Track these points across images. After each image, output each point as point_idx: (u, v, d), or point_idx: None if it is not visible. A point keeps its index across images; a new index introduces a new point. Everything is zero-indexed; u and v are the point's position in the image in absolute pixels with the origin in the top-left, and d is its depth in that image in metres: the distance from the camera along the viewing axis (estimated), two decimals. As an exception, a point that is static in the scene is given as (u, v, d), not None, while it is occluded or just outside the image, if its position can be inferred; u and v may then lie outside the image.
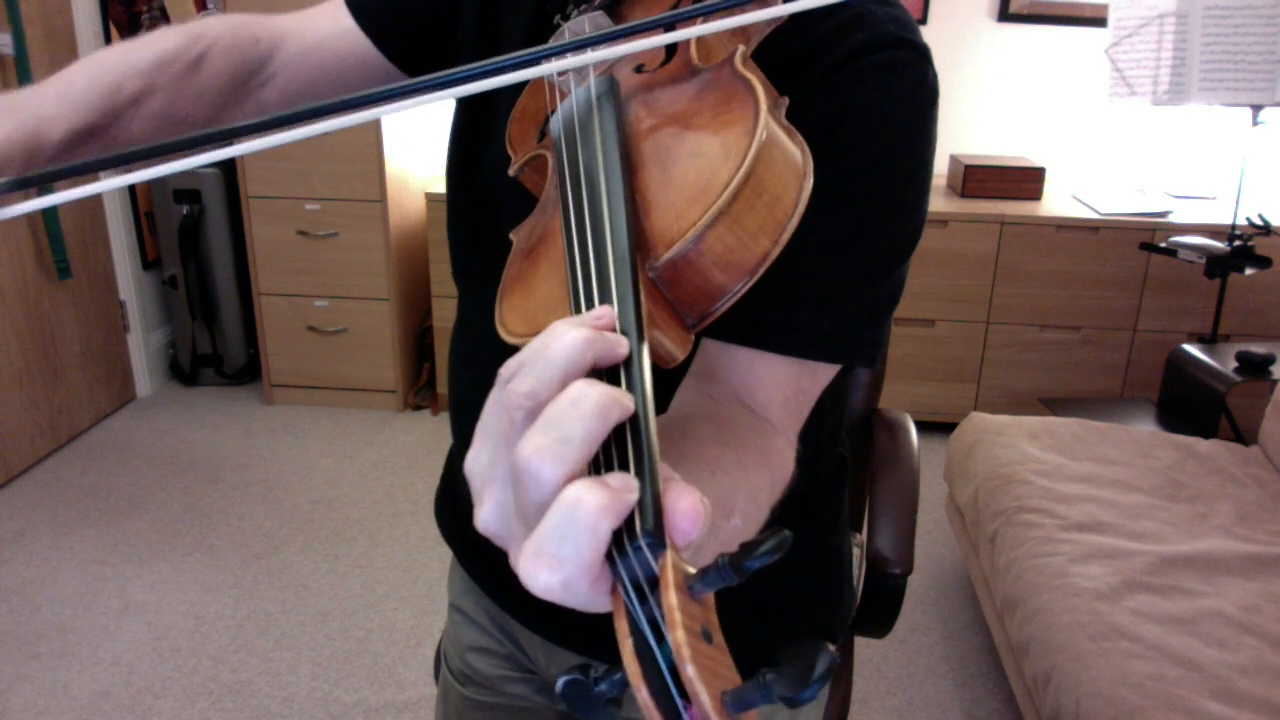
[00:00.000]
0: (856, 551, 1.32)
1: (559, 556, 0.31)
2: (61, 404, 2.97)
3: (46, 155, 0.64)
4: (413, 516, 2.67)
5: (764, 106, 0.44)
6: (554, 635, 0.85)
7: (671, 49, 0.55)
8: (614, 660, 0.33)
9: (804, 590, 0.85)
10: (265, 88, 0.77)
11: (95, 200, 3.09)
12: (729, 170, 0.42)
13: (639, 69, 0.54)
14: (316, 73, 0.77)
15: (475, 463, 0.36)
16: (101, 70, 0.69)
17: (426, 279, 3.24)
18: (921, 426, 1.51)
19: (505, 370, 0.35)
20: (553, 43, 0.62)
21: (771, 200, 0.44)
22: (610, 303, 0.39)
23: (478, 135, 0.76)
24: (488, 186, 0.74)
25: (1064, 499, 1.94)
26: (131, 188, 3.24)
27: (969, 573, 2.25)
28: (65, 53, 2.91)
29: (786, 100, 0.49)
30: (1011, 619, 1.77)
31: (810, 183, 0.45)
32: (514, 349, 0.45)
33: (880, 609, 1.19)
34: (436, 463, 2.93)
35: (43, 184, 0.49)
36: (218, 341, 3.42)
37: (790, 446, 0.59)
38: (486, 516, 0.35)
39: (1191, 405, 2.53)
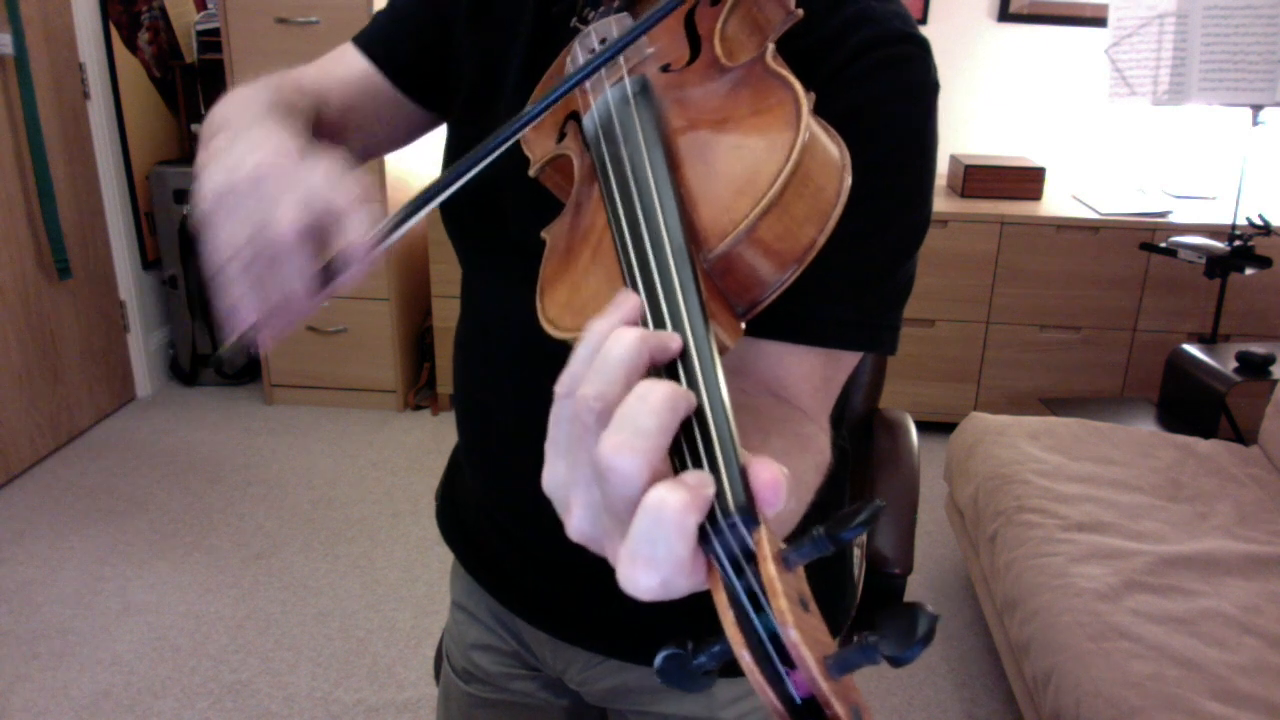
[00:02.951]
0: (857, 551, 1.32)
1: (653, 559, 0.32)
2: (61, 404, 2.97)
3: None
4: (413, 516, 2.67)
5: (804, 100, 0.46)
6: (561, 632, 0.85)
7: (696, 48, 0.55)
8: (631, 654, 0.33)
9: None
10: (318, 133, 0.80)
11: (95, 200, 3.09)
12: (777, 162, 0.43)
13: (665, 68, 0.55)
14: (346, 116, 0.80)
15: (553, 477, 0.37)
16: (246, 103, 0.66)
17: (426, 279, 3.24)
18: (921, 426, 1.51)
19: (562, 386, 0.37)
20: (579, 44, 0.63)
21: (816, 190, 0.45)
22: (674, 295, 0.40)
23: (475, 140, 0.76)
24: (485, 187, 0.75)
25: (1064, 499, 1.94)
26: (131, 186, 3.24)
27: (969, 573, 2.25)
28: (65, 53, 2.91)
29: (814, 95, 0.50)
30: (1011, 619, 1.77)
31: (850, 175, 0.47)
32: (538, 344, 0.46)
33: (880, 609, 1.19)
34: (436, 463, 2.93)
35: (400, 224, 0.51)
36: (217, 341, 3.42)
37: (824, 432, 0.61)
38: (578, 522, 0.36)
39: (1191, 405, 2.53)
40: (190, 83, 3.43)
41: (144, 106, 3.32)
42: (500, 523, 0.85)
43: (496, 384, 0.80)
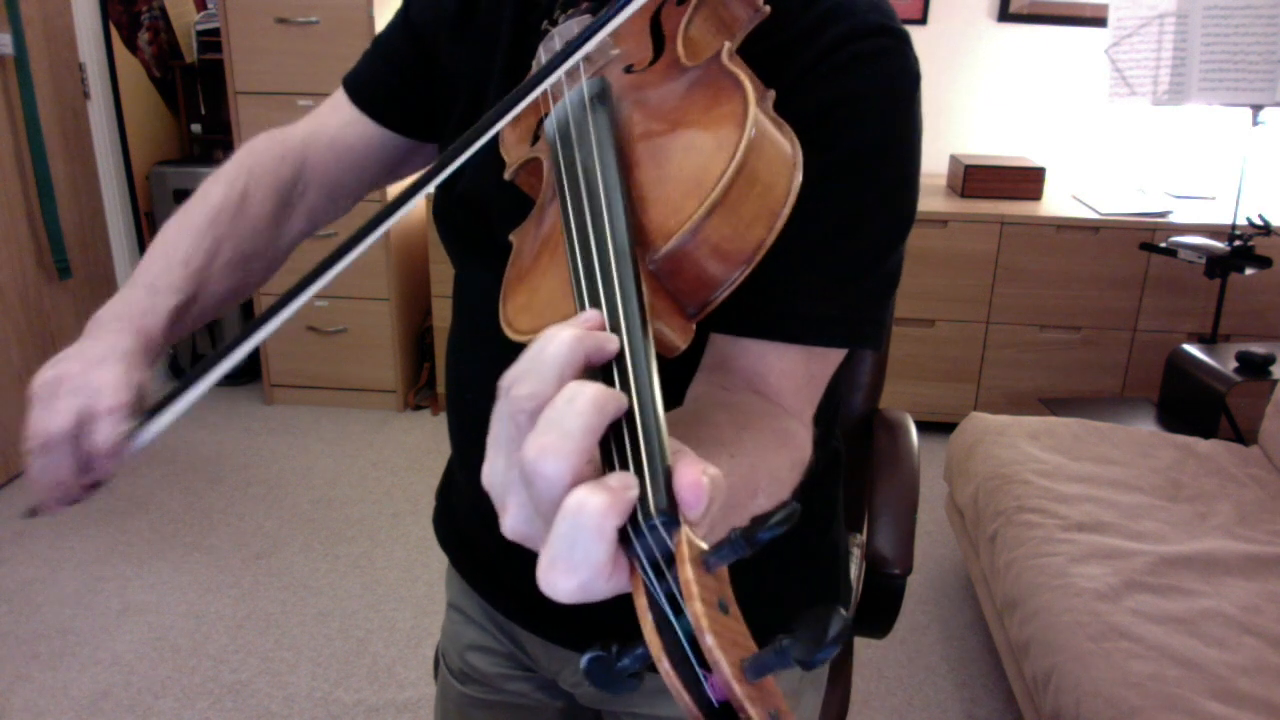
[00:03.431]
0: (856, 552, 1.32)
1: (572, 562, 0.32)
2: (61, 404, 2.96)
3: (159, 343, 0.72)
4: (413, 516, 2.67)
5: (752, 99, 0.45)
6: (553, 635, 0.85)
7: (660, 48, 0.55)
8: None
9: (799, 585, 0.85)
10: (305, 195, 0.83)
11: (95, 200, 3.09)
12: (722, 162, 0.43)
13: (629, 69, 0.55)
14: (339, 166, 0.84)
15: (492, 473, 0.37)
16: (170, 247, 0.74)
17: (426, 279, 3.24)
18: (921, 426, 1.51)
19: (504, 381, 0.36)
20: (542, 47, 0.63)
21: (764, 190, 0.44)
22: (614, 297, 0.40)
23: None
24: (473, 191, 0.75)
25: (1064, 499, 1.93)
26: (131, 186, 3.24)
27: (969, 573, 2.25)
28: (65, 53, 2.91)
29: (773, 93, 0.49)
30: (1011, 619, 1.77)
31: (800, 173, 0.46)
32: (518, 342, 0.45)
33: (880, 609, 1.19)
34: (436, 463, 2.93)
35: (157, 411, 0.60)
36: (217, 341, 3.42)
37: (806, 428, 0.61)
38: (511, 521, 0.36)
39: (1191, 405, 2.53)
40: (190, 83, 3.43)
41: (144, 106, 3.32)
42: (493, 524, 0.85)
43: (487, 385, 0.79)
